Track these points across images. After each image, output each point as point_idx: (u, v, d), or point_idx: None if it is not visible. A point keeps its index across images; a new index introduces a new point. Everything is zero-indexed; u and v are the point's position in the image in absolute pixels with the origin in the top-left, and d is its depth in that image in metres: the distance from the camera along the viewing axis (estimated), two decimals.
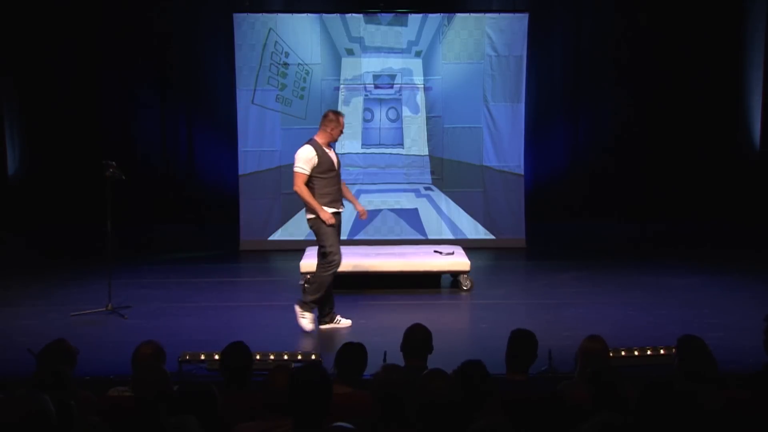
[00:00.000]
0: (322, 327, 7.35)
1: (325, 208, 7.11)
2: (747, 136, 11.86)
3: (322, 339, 7.06)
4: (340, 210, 7.28)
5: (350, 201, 7.55)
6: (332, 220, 7.10)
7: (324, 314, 7.39)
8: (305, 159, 7.11)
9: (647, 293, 8.48)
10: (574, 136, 12.45)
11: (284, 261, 10.29)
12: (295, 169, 7.15)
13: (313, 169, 7.12)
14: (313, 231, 7.28)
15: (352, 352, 4.72)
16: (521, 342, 4.76)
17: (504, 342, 4.77)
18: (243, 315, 7.99)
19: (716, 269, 9.45)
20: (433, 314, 7.62)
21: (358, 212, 7.55)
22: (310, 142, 7.23)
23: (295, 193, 7.21)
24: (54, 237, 11.21)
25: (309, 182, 7.13)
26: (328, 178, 7.18)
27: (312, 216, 7.16)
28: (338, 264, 7.21)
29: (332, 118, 7.21)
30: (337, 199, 7.24)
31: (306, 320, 7.20)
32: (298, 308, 7.23)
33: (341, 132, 7.27)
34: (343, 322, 7.45)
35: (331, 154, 7.25)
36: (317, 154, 7.12)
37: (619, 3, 12.07)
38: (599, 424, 3.08)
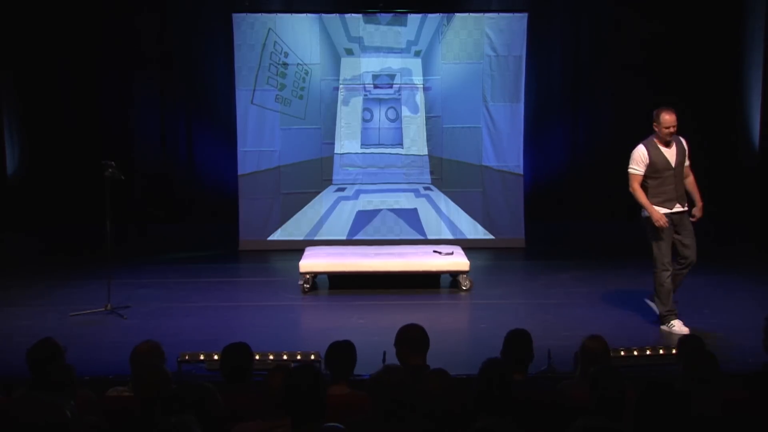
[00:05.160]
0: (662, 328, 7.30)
1: (657, 208, 7.10)
2: (746, 136, 11.86)
3: (322, 339, 7.04)
4: (674, 210, 7.19)
5: (695, 199, 7.41)
6: (662, 220, 7.05)
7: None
8: (635, 159, 7.17)
9: (647, 293, 8.47)
10: (574, 136, 12.46)
11: (284, 261, 10.28)
12: (628, 170, 7.19)
13: (647, 169, 7.13)
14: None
15: (340, 350, 4.73)
16: (517, 341, 4.78)
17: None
18: (242, 315, 7.99)
19: (716, 269, 9.44)
20: (432, 314, 7.63)
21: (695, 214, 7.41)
22: (645, 140, 7.25)
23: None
24: (54, 237, 11.21)
25: (644, 182, 7.16)
26: (661, 178, 7.15)
27: (645, 215, 7.19)
28: (665, 267, 7.16)
29: (655, 116, 7.18)
30: (671, 198, 7.18)
31: (675, 328, 7.14)
32: (664, 327, 7.23)
33: (667, 130, 7.10)
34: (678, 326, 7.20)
35: (668, 152, 7.16)
36: (649, 154, 7.13)
37: (618, 3, 12.07)
38: (581, 429, 3.08)
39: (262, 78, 10.93)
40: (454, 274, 8.88)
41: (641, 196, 7.14)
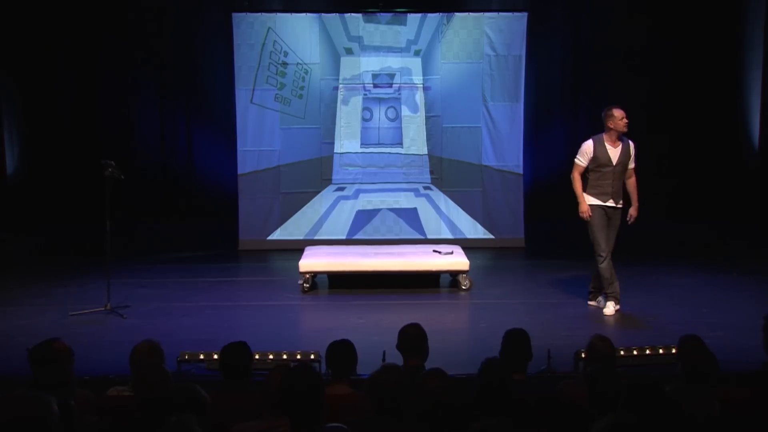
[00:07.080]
0: (589, 303, 8.01)
1: (591, 198, 7.66)
2: (746, 136, 11.86)
3: (322, 339, 7.05)
4: (607, 204, 7.69)
5: (632, 200, 7.86)
6: (586, 213, 7.65)
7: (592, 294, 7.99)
8: (582, 151, 7.72)
9: (647, 293, 8.48)
10: (573, 136, 12.41)
11: (283, 261, 10.28)
12: (574, 159, 7.77)
13: (590, 162, 7.65)
14: None
15: (339, 349, 4.73)
16: (515, 341, 4.79)
17: None
18: (242, 315, 7.99)
19: (715, 269, 9.45)
20: (432, 314, 7.63)
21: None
22: (594, 136, 7.73)
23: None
24: (53, 237, 11.20)
25: (586, 173, 7.73)
26: (600, 173, 7.64)
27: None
28: (598, 254, 7.71)
29: (607, 116, 7.64)
30: (606, 193, 7.65)
31: (603, 306, 7.80)
32: (592, 303, 7.99)
33: (623, 122, 7.63)
34: (608, 308, 7.72)
35: (613, 150, 7.62)
36: (594, 149, 7.65)
37: (618, 2, 12.07)
38: (612, 425, 3.06)
39: (261, 77, 10.93)
40: (454, 274, 8.88)
41: (577, 186, 7.75)
